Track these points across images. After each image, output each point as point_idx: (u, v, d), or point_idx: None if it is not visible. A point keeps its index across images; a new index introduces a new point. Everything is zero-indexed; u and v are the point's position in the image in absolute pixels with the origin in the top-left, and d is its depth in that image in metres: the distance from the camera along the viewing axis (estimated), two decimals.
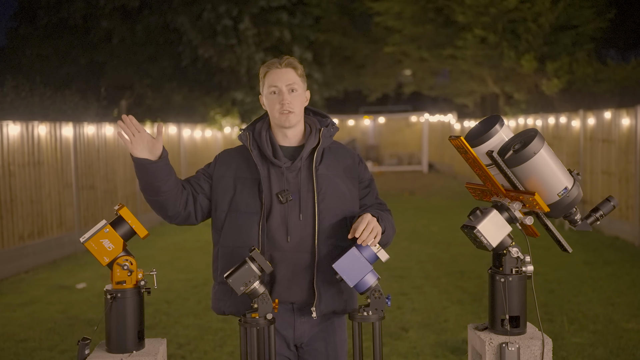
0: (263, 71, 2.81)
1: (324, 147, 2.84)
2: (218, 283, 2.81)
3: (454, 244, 10.21)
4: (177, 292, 7.57)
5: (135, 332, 2.57)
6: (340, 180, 2.80)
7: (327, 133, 2.83)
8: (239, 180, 2.79)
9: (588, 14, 16.88)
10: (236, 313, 2.78)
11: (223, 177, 2.82)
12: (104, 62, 19.40)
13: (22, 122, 9.29)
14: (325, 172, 2.79)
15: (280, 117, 2.75)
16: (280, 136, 2.81)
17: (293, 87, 2.76)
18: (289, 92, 2.75)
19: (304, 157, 2.77)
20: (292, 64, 2.80)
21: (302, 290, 2.74)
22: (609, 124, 10.94)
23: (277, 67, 2.77)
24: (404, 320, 6.34)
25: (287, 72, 2.76)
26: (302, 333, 2.80)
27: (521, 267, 2.59)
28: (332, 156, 2.84)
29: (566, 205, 2.53)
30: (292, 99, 2.75)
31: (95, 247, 2.55)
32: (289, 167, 2.76)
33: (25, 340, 6.04)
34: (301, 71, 2.83)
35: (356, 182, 2.86)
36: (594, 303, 6.82)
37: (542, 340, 2.55)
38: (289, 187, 2.75)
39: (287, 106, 2.73)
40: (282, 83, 2.75)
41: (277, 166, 2.76)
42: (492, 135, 2.49)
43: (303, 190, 2.75)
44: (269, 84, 2.77)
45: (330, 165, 2.81)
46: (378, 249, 2.59)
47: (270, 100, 2.77)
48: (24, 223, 9.21)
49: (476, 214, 2.55)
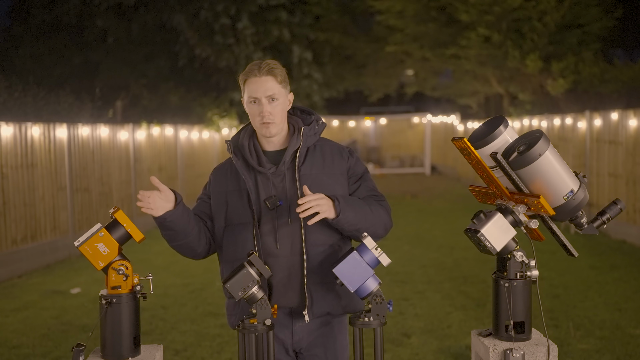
0: (242, 79, 2.78)
1: (308, 147, 2.82)
2: (228, 298, 2.82)
3: (457, 248, 10.18)
4: (174, 298, 7.55)
5: (130, 338, 2.57)
6: (326, 177, 2.79)
7: (309, 132, 2.81)
8: (230, 193, 2.82)
9: (594, 13, 16.87)
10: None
11: (217, 193, 2.85)
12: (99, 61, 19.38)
13: (15, 123, 9.25)
14: (309, 171, 2.77)
15: (261, 127, 2.75)
16: (264, 142, 2.82)
17: (273, 96, 2.73)
18: (268, 102, 2.73)
19: (287, 160, 2.77)
20: (272, 71, 2.74)
21: (297, 294, 2.75)
22: (615, 125, 10.91)
23: (256, 75, 2.73)
24: (406, 326, 6.31)
25: (266, 81, 2.72)
26: (300, 338, 2.81)
27: (526, 271, 2.58)
28: (317, 154, 2.82)
29: (572, 208, 2.51)
30: (272, 109, 2.73)
31: (90, 251, 2.55)
32: (274, 172, 2.77)
33: (18, 347, 6.01)
34: (281, 77, 2.78)
35: (345, 177, 2.84)
36: (601, 308, 6.78)
37: (547, 347, 2.54)
38: (277, 192, 2.75)
39: (267, 117, 2.72)
40: (262, 94, 2.72)
41: (263, 173, 2.77)
42: (496, 137, 2.48)
43: (290, 194, 2.75)
44: (248, 93, 2.75)
45: (315, 164, 2.79)
46: (380, 253, 2.56)
47: (251, 109, 2.76)
48: (17, 226, 9.16)
49: (480, 218, 2.54)
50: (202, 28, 17.98)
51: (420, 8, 19.95)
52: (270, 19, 18.61)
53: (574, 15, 16.76)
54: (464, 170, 21.62)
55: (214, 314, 6.84)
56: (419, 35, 21.12)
